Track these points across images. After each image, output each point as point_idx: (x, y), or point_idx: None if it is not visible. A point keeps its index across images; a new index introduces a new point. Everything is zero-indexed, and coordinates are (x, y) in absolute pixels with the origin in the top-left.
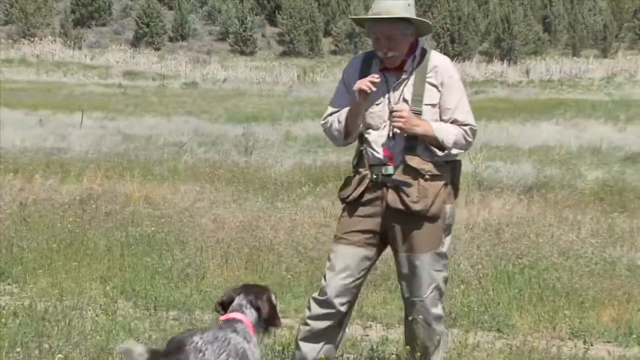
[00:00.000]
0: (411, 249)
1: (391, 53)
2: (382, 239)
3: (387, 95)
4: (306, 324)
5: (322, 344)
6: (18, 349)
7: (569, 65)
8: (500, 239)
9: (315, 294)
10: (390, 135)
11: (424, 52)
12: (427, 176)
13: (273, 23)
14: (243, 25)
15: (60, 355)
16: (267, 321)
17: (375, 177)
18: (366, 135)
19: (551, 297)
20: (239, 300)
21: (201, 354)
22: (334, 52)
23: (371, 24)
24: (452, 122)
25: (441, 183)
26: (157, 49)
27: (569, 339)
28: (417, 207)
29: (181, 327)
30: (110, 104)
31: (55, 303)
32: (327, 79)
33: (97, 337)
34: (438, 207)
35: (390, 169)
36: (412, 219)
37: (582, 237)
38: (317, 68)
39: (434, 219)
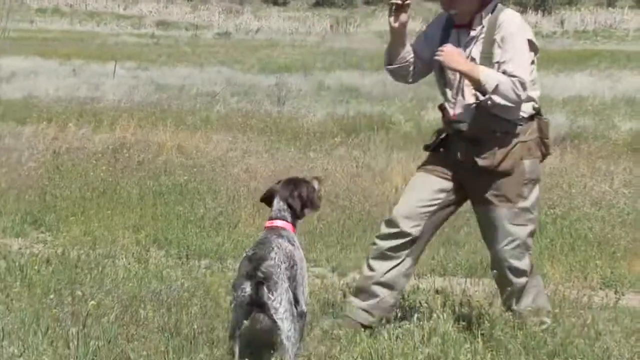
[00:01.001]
0: (486, 202)
1: (453, 10)
2: (459, 189)
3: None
4: (374, 243)
5: (390, 263)
6: (51, 296)
7: (604, 16)
8: None
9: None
10: (461, 93)
11: (495, 10)
12: (498, 134)
13: None
14: None
15: (93, 302)
16: (302, 210)
17: (450, 132)
18: (444, 90)
19: (583, 247)
20: (277, 204)
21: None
22: (367, 3)
23: None
24: (502, 73)
25: (515, 140)
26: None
27: (600, 288)
28: (483, 162)
29: (213, 276)
30: (143, 54)
31: (88, 251)
32: (360, 29)
33: (130, 284)
34: (510, 163)
35: (461, 125)
36: (485, 174)
37: (615, 187)
38: (351, 18)
39: (506, 174)
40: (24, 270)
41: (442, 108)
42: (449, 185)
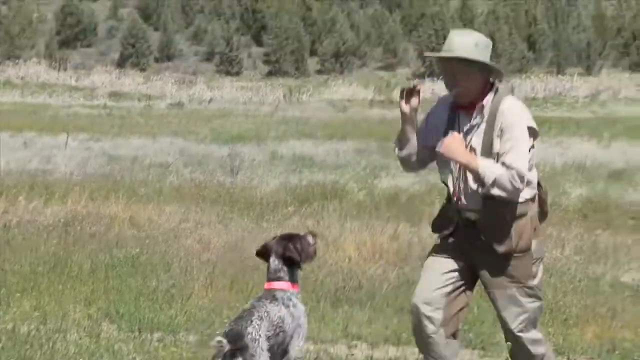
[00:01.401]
0: (500, 285)
1: (456, 90)
2: (471, 272)
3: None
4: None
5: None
6: None
7: (554, 83)
8: None
9: None
10: (462, 180)
11: (496, 98)
12: (507, 217)
13: (259, 43)
14: (229, 46)
15: None
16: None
17: (459, 220)
18: (446, 174)
19: None
20: (273, 264)
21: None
22: (319, 72)
23: (439, 60)
24: (501, 164)
25: (524, 221)
26: (143, 70)
27: None
28: (501, 248)
29: (166, 349)
30: (95, 125)
31: (39, 326)
32: (312, 99)
33: None
34: (525, 244)
35: (470, 214)
36: (499, 258)
37: (566, 254)
38: (303, 87)
39: (519, 256)
40: None
41: (449, 195)
42: (460, 264)
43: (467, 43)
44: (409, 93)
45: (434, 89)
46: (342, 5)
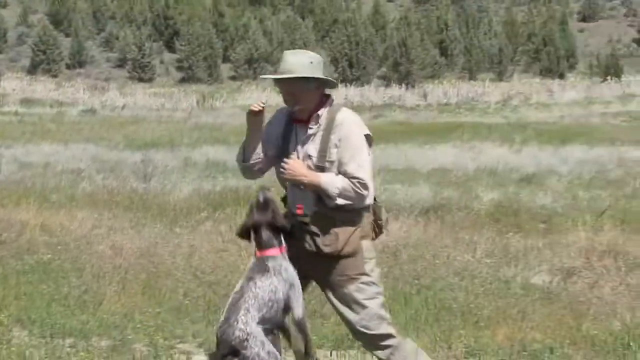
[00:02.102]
0: (333, 284)
1: (297, 107)
2: (306, 276)
3: (297, 148)
4: None
5: None
6: None
7: (466, 89)
8: (397, 260)
9: None
10: (301, 186)
11: (333, 109)
12: (338, 223)
13: (171, 49)
14: (141, 52)
15: None
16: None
17: (294, 223)
18: (286, 185)
19: (447, 317)
20: (265, 235)
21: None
22: (233, 78)
23: (277, 83)
24: (343, 174)
25: (352, 227)
26: (55, 76)
27: (464, 357)
28: (327, 249)
29: (78, 355)
30: (6, 132)
31: None
32: (226, 105)
33: None
34: (352, 247)
35: (305, 218)
36: (329, 259)
37: (478, 257)
38: (217, 94)
39: (349, 256)
40: None
41: (284, 200)
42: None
43: (303, 62)
44: (257, 115)
45: (347, 95)
46: (255, 12)
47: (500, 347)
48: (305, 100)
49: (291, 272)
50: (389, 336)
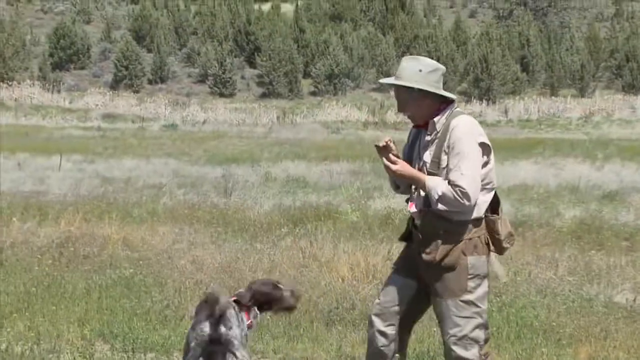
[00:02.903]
0: (436, 294)
1: (404, 113)
2: (424, 289)
3: (417, 152)
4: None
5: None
6: None
7: (547, 105)
8: None
9: None
10: (416, 190)
11: (450, 115)
12: (441, 232)
13: (252, 65)
14: (222, 67)
15: None
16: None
17: (413, 225)
18: (409, 187)
19: (529, 334)
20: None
21: None
22: (313, 94)
23: (390, 86)
24: (448, 181)
25: (459, 238)
26: (136, 92)
27: None
28: (427, 257)
29: None
30: (89, 147)
31: (32, 346)
32: (306, 120)
33: None
34: (453, 259)
35: (416, 221)
36: (433, 267)
37: (560, 274)
38: (297, 109)
39: (450, 269)
40: None
41: (407, 202)
42: (413, 283)
43: (412, 69)
44: (383, 149)
45: None
46: (335, 28)
47: None
48: (411, 108)
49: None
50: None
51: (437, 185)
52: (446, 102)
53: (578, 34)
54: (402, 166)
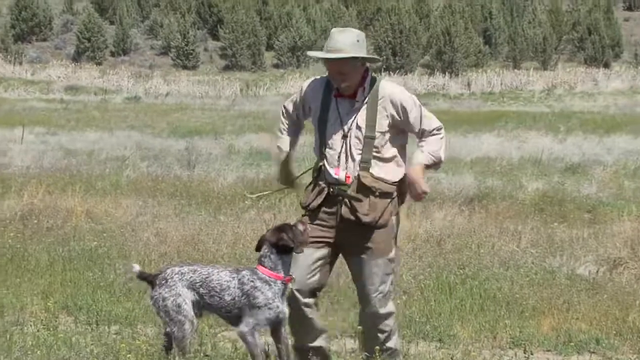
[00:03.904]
0: (365, 255)
1: (344, 84)
2: (335, 246)
3: (338, 120)
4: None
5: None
6: None
7: (510, 78)
8: (441, 249)
9: None
10: (344, 156)
11: (373, 81)
12: (377, 193)
13: (215, 37)
14: (185, 40)
15: None
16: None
17: (331, 191)
18: (325, 154)
19: (492, 306)
20: (263, 250)
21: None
22: (276, 66)
23: (325, 61)
24: (422, 134)
25: (388, 197)
26: (99, 64)
27: (510, 348)
28: (366, 219)
29: (123, 342)
30: (52, 119)
31: None
32: (270, 93)
33: (38, 352)
34: (386, 219)
35: (345, 187)
36: (365, 229)
37: (523, 247)
38: (260, 82)
39: (383, 229)
40: None
41: (320, 169)
42: (325, 252)
43: (352, 41)
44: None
45: None
46: (298, 0)
47: (545, 337)
48: (353, 78)
49: (260, 295)
50: (392, 315)
51: (431, 153)
52: (366, 69)
53: (540, 6)
54: (420, 183)
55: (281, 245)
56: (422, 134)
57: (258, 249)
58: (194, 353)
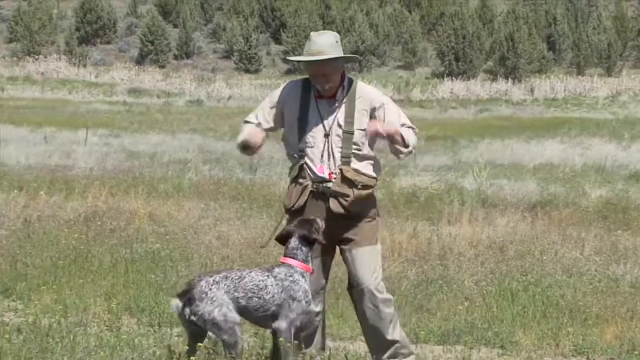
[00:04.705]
0: (355, 244)
1: (328, 85)
2: (331, 247)
3: (321, 119)
4: None
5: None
6: None
7: (574, 84)
8: (504, 256)
9: None
10: (326, 154)
11: (350, 81)
12: (359, 186)
13: (278, 41)
14: (248, 43)
15: None
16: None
17: (315, 187)
18: (306, 151)
19: (555, 314)
20: (293, 242)
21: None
22: None
23: (307, 64)
24: (402, 126)
25: (369, 189)
26: (162, 67)
27: (572, 355)
28: (354, 209)
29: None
30: (115, 121)
31: (60, 319)
32: None
33: (102, 353)
34: (370, 208)
35: (329, 184)
36: (352, 221)
37: (586, 254)
38: None
39: (369, 219)
40: None
41: (301, 168)
42: (326, 257)
43: (331, 42)
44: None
45: (453, 89)
46: (361, 4)
47: (608, 345)
48: (335, 79)
49: (299, 288)
50: (389, 302)
51: (410, 133)
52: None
53: (605, 12)
54: (397, 131)
55: (312, 238)
56: (402, 126)
57: (281, 240)
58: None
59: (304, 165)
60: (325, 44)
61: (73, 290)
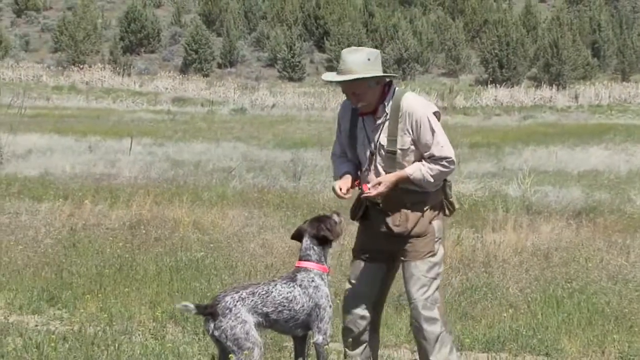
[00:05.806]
0: (406, 256)
1: (360, 104)
2: (389, 257)
3: (366, 138)
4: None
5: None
6: None
7: (619, 90)
8: (549, 263)
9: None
10: (372, 173)
11: (395, 96)
12: (408, 204)
13: (321, 49)
14: (291, 52)
15: None
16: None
17: (368, 204)
18: (361, 168)
19: (600, 321)
20: (304, 243)
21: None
22: None
23: (339, 82)
24: (430, 158)
25: (423, 208)
26: (206, 76)
27: None
28: (398, 230)
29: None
30: (159, 130)
31: (105, 328)
32: None
33: None
34: (422, 228)
35: (377, 199)
36: (402, 238)
37: (632, 261)
38: None
39: (419, 237)
40: (41, 347)
41: (358, 184)
42: (382, 265)
43: (361, 61)
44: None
45: (497, 96)
46: (405, 12)
47: None
48: (367, 98)
49: (322, 293)
50: (435, 321)
51: (423, 172)
52: (388, 84)
53: None
54: (384, 184)
55: (322, 236)
56: (429, 158)
57: (295, 238)
58: None
59: (360, 183)
60: (356, 63)
61: (118, 298)
